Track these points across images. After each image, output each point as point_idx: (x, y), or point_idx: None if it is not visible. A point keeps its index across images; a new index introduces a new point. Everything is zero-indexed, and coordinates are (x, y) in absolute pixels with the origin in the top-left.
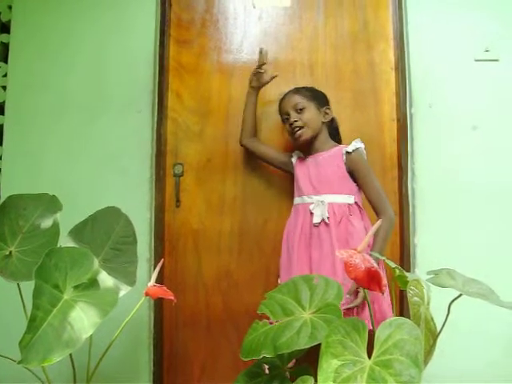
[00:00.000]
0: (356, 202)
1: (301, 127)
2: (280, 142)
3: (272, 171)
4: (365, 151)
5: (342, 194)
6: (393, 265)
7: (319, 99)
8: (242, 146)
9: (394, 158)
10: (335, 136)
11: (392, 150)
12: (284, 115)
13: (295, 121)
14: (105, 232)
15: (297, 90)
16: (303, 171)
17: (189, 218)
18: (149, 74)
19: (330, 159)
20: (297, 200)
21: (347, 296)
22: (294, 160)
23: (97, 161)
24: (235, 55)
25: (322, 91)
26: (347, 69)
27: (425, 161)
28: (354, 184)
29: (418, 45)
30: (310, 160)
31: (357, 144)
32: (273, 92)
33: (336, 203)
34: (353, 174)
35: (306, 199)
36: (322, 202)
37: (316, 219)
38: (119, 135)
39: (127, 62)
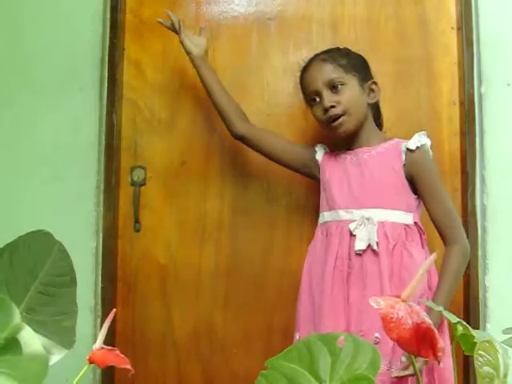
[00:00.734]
0: (416, 223)
1: (340, 115)
2: (297, 129)
3: (278, 175)
4: (431, 150)
5: (398, 209)
6: (454, 319)
7: (362, 69)
8: (237, 137)
9: (456, 159)
10: (376, 122)
11: (453, 147)
12: (311, 94)
13: (332, 106)
14: (29, 268)
15: (329, 56)
16: (338, 173)
17: (153, 248)
18: (94, 35)
19: (381, 158)
20: (326, 216)
21: (403, 360)
22: (319, 156)
23: (17, 163)
24: (222, 7)
25: (361, 55)
26: (387, 28)
27: (501, 164)
28: (414, 196)
29: None
30: (350, 158)
31: (421, 139)
32: (276, 60)
33: (389, 222)
34: (413, 182)
35: (343, 215)
36: (368, 219)
37: (360, 244)
38: (51, 125)
39: (61, 15)
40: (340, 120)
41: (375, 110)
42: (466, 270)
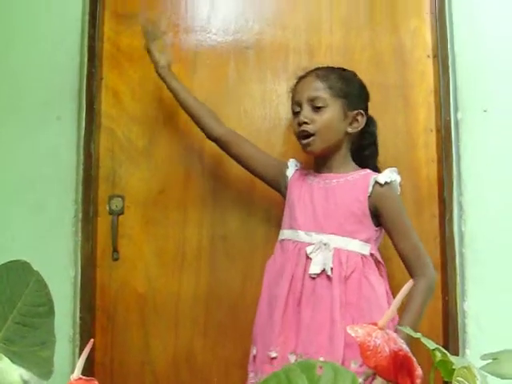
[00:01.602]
0: (372, 254)
1: (311, 134)
2: (276, 157)
3: (257, 202)
4: (400, 187)
5: (356, 238)
6: (432, 345)
7: (352, 97)
8: (214, 139)
9: (433, 186)
10: (366, 159)
11: (430, 174)
12: (295, 104)
13: (305, 122)
14: (7, 298)
15: (325, 74)
16: (304, 195)
17: (132, 277)
18: (72, 64)
19: (348, 187)
20: (286, 234)
21: (360, 381)
22: (289, 173)
23: None
24: (199, 36)
25: (363, 82)
26: (363, 56)
27: (478, 191)
28: (375, 228)
29: (468, 21)
30: (317, 181)
31: (392, 175)
32: (254, 89)
33: (345, 250)
34: (377, 215)
35: (303, 236)
36: (325, 244)
37: (314, 268)
38: (28, 154)
39: (38, 44)
40: (309, 139)
41: (369, 145)
42: (444, 296)
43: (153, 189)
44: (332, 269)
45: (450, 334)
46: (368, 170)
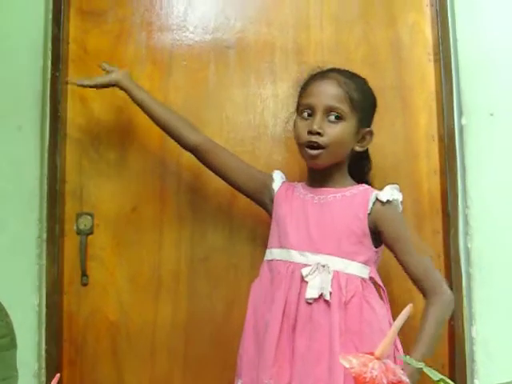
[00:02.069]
0: (372, 278)
1: (321, 147)
2: (260, 168)
3: (241, 219)
4: (401, 206)
5: (356, 261)
6: (436, 376)
7: (366, 113)
8: (190, 148)
9: (436, 199)
10: (360, 174)
11: (432, 186)
12: (306, 106)
13: (318, 133)
14: None
15: (347, 83)
16: (295, 210)
17: (103, 304)
18: (34, 68)
19: (346, 203)
20: (275, 253)
21: None
22: (275, 186)
23: None
24: (175, 35)
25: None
26: (357, 55)
27: (485, 204)
28: (374, 249)
29: (472, 16)
30: (311, 196)
31: (394, 193)
32: (236, 93)
33: (345, 273)
34: (377, 233)
35: (296, 257)
36: (324, 266)
37: (311, 293)
38: None
39: None
40: (318, 151)
41: (361, 158)
42: (450, 320)
43: (125, 206)
44: (331, 293)
45: (457, 363)
46: (366, 186)
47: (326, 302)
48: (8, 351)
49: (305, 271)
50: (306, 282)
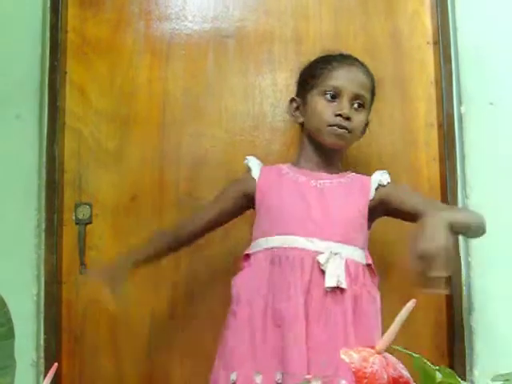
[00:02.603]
0: (369, 265)
1: (348, 131)
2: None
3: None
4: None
5: (359, 247)
6: (434, 365)
7: (371, 105)
8: (189, 243)
9: (436, 187)
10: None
11: (431, 174)
12: (332, 89)
13: (348, 118)
14: None
15: (370, 75)
16: (291, 194)
17: (101, 294)
18: (32, 57)
19: (347, 191)
20: (276, 241)
21: None
22: (255, 174)
23: None
24: (174, 24)
25: None
26: (356, 44)
27: (485, 193)
28: (367, 232)
29: (472, 4)
30: (306, 179)
31: (387, 176)
32: (235, 82)
33: (352, 260)
34: (380, 212)
35: (305, 243)
36: (336, 254)
37: (331, 281)
38: None
39: None
40: (345, 134)
41: None
42: (449, 309)
43: (124, 195)
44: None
45: (456, 352)
46: (355, 174)
47: (341, 290)
48: (6, 341)
49: (322, 259)
50: (319, 269)
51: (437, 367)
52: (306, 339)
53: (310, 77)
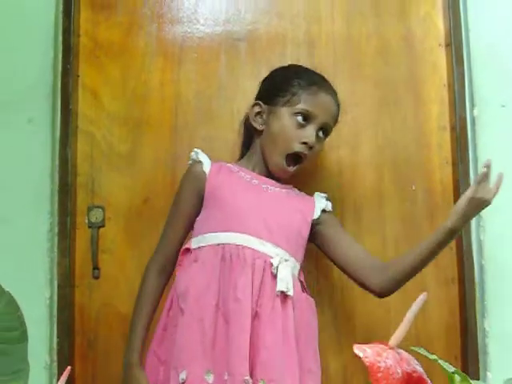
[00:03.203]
0: (302, 282)
1: (304, 159)
2: None
3: None
4: None
5: (298, 261)
6: (450, 368)
7: None
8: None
9: (448, 190)
10: None
11: (444, 177)
12: (304, 112)
13: (311, 147)
14: None
15: (338, 102)
16: (244, 193)
17: (115, 297)
18: (45, 60)
19: (295, 203)
20: (228, 237)
21: None
22: (206, 168)
23: None
24: (186, 27)
25: None
26: (369, 47)
27: (497, 195)
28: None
29: (484, 6)
30: (257, 182)
31: (328, 203)
32: (247, 85)
33: (295, 272)
34: (314, 238)
35: (257, 244)
36: (287, 261)
37: (281, 285)
38: None
39: (8, 37)
40: (298, 166)
41: None
42: (462, 313)
43: (137, 198)
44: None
45: (470, 356)
46: (295, 189)
47: (285, 296)
48: (19, 344)
49: (275, 262)
50: (270, 273)
51: (453, 369)
52: (255, 340)
53: (284, 91)
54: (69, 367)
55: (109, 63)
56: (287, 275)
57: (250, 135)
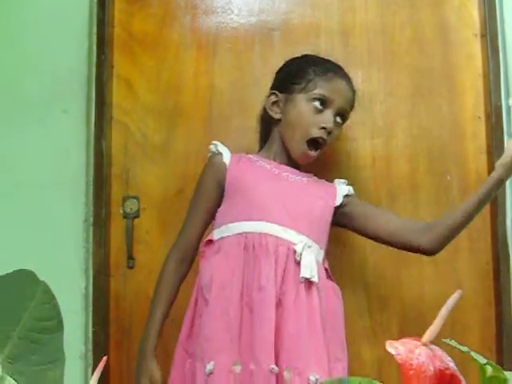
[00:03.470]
0: (327, 269)
1: (324, 144)
2: None
3: None
4: None
5: (321, 248)
6: (482, 359)
7: None
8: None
9: (483, 180)
10: None
11: (479, 167)
12: (321, 97)
13: (329, 132)
14: (11, 312)
15: (353, 88)
16: (266, 182)
17: (149, 287)
18: (80, 51)
19: (317, 190)
20: (249, 226)
21: None
22: (226, 159)
23: None
24: (220, 18)
25: None
26: (403, 36)
27: None
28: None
29: None
30: (278, 171)
31: (351, 188)
32: None
33: (319, 259)
34: (341, 223)
35: (280, 232)
36: (310, 247)
37: (305, 272)
38: (31, 152)
39: (43, 29)
40: (320, 151)
41: None
42: (497, 305)
43: (171, 188)
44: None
45: (505, 348)
46: (316, 177)
47: (309, 283)
48: (55, 334)
49: (299, 248)
50: (294, 260)
51: (485, 361)
52: (280, 329)
53: (300, 78)
54: (105, 357)
55: (143, 54)
56: (311, 262)
57: (267, 127)
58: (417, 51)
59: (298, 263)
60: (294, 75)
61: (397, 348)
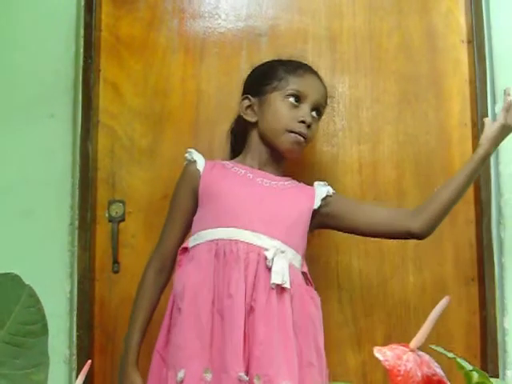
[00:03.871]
0: (305, 273)
1: (306, 139)
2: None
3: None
4: None
5: (299, 253)
6: (468, 366)
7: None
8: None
9: (469, 188)
10: None
11: None
12: (295, 93)
13: (308, 126)
14: None
15: (325, 85)
16: (239, 188)
17: (134, 291)
18: (66, 55)
19: (293, 194)
20: (220, 233)
21: None
22: (200, 166)
23: None
24: (207, 23)
25: None
26: (390, 43)
27: None
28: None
29: (506, 4)
30: (252, 176)
31: (330, 188)
32: None
33: (294, 264)
34: (323, 223)
35: (251, 238)
36: (283, 252)
37: (276, 278)
38: (17, 156)
39: (30, 32)
40: (303, 143)
41: None
42: (482, 311)
43: (157, 193)
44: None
45: (489, 354)
46: (295, 181)
47: (281, 289)
48: (39, 337)
49: (269, 254)
50: (264, 266)
51: (471, 367)
52: (251, 336)
53: (270, 78)
54: (89, 361)
55: (130, 58)
56: (283, 267)
57: (244, 133)
58: (404, 57)
59: (269, 269)
60: (264, 76)
61: (385, 354)
